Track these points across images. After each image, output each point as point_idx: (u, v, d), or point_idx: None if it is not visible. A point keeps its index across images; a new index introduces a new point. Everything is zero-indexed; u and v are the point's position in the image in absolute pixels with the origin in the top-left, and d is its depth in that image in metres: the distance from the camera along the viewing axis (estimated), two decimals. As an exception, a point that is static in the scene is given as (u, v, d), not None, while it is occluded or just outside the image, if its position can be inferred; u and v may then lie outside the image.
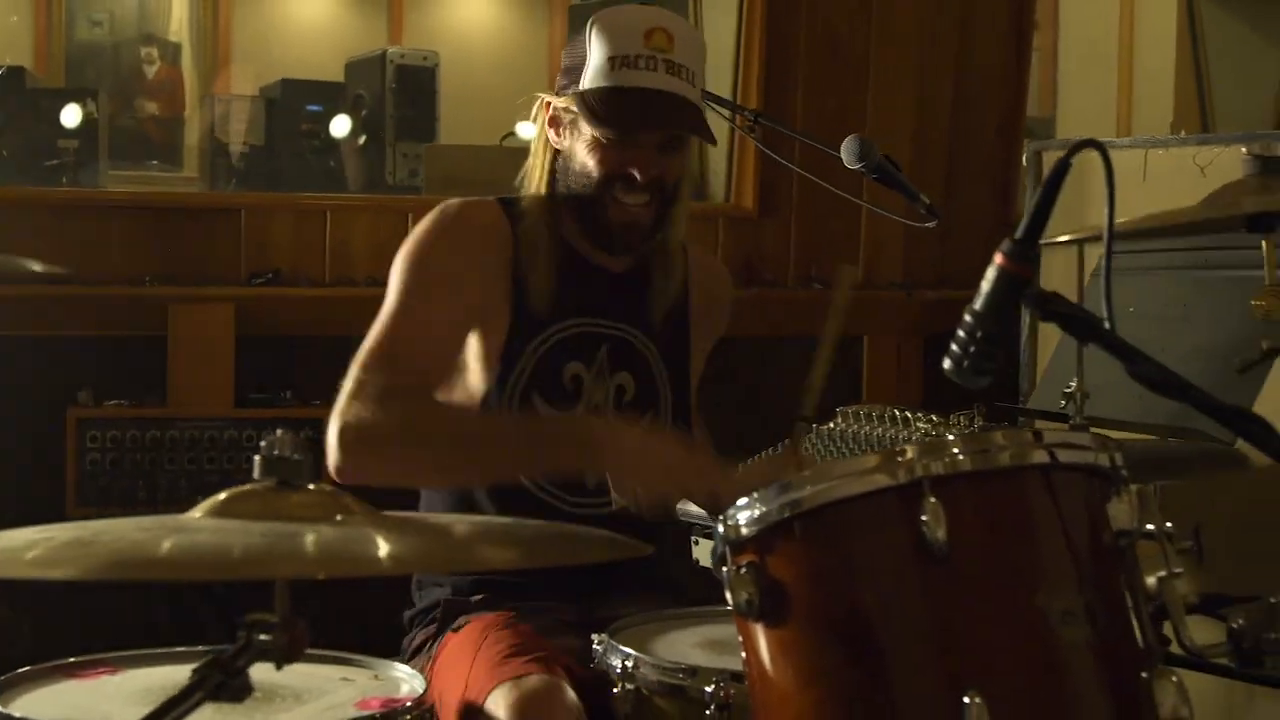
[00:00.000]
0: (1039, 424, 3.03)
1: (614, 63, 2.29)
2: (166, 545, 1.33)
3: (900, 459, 1.52)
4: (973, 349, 1.55)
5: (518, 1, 9.93)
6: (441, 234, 2.38)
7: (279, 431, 1.45)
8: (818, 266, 4.23)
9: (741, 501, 1.61)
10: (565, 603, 2.31)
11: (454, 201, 2.43)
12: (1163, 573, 1.58)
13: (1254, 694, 2.87)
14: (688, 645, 2.06)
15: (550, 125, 2.40)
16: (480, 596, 2.31)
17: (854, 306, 2.44)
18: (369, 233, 3.91)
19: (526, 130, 7.41)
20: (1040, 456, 1.55)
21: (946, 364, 1.58)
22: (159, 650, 2.04)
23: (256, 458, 1.46)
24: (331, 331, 3.78)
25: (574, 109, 2.33)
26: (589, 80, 2.32)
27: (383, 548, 1.38)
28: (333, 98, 6.12)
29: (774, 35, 4.13)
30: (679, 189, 2.40)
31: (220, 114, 5.93)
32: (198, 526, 1.44)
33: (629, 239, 2.37)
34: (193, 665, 1.97)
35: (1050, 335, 3.44)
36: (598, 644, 2.04)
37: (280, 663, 1.44)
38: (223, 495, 1.46)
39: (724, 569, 1.59)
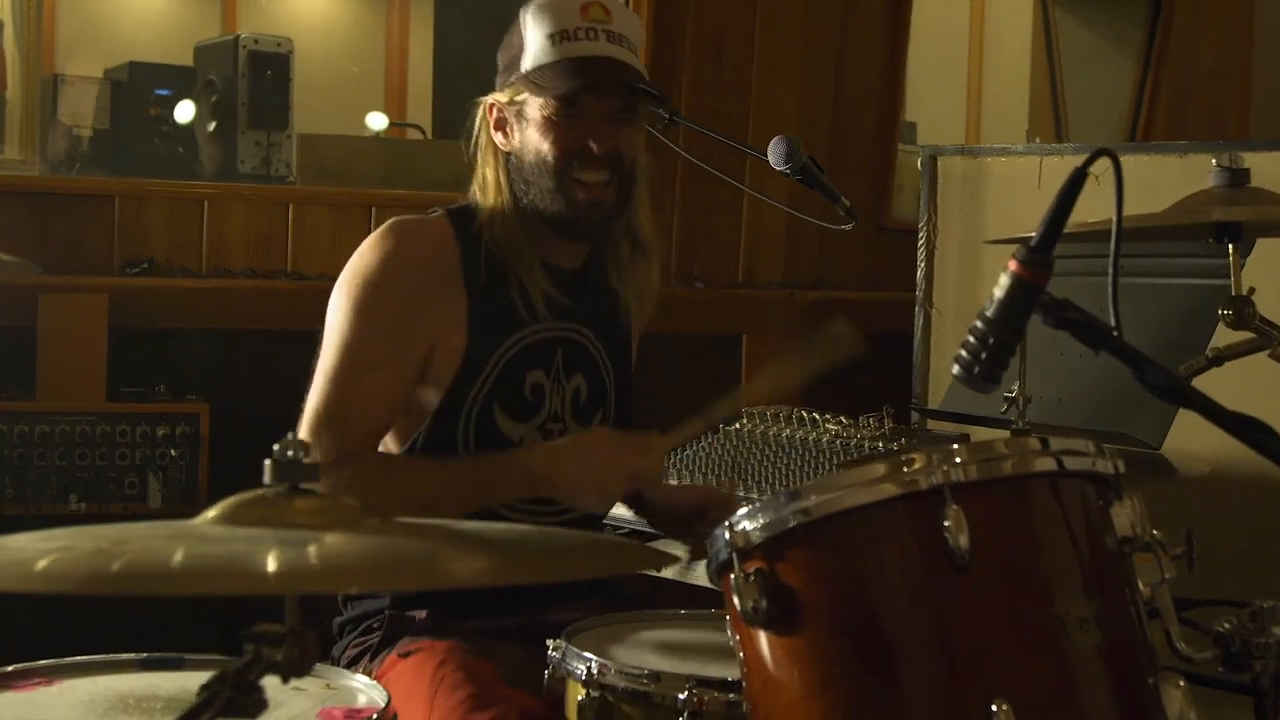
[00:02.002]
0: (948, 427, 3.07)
1: (554, 38, 2.26)
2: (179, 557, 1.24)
3: (914, 466, 1.51)
4: (984, 355, 1.55)
5: (354, -11, 9.77)
6: (389, 265, 2.26)
7: (290, 434, 1.38)
8: (699, 264, 4.23)
9: (744, 510, 1.59)
10: (510, 609, 2.26)
11: (399, 224, 2.31)
12: (1156, 579, 1.60)
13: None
14: (647, 650, 2.03)
15: (496, 129, 2.34)
16: (424, 612, 2.26)
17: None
18: (247, 223, 3.79)
19: (377, 121, 7.29)
20: (1048, 464, 1.56)
21: (955, 369, 1.58)
22: (95, 658, 1.94)
23: (267, 461, 1.38)
24: (208, 324, 3.70)
25: (519, 97, 2.29)
26: (531, 61, 2.28)
27: (435, 558, 1.32)
28: (182, 82, 5.94)
29: (660, 34, 4.12)
30: (636, 167, 2.34)
31: (64, 96, 5.70)
32: (209, 535, 1.35)
33: (594, 220, 2.30)
34: (131, 674, 1.93)
35: (946, 337, 3.50)
36: (554, 650, 1.99)
37: (289, 676, 1.38)
38: (233, 500, 1.38)
39: (731, 575, 1.57)
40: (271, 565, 1.21)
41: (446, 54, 5.36)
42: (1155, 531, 1.62)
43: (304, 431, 2.20)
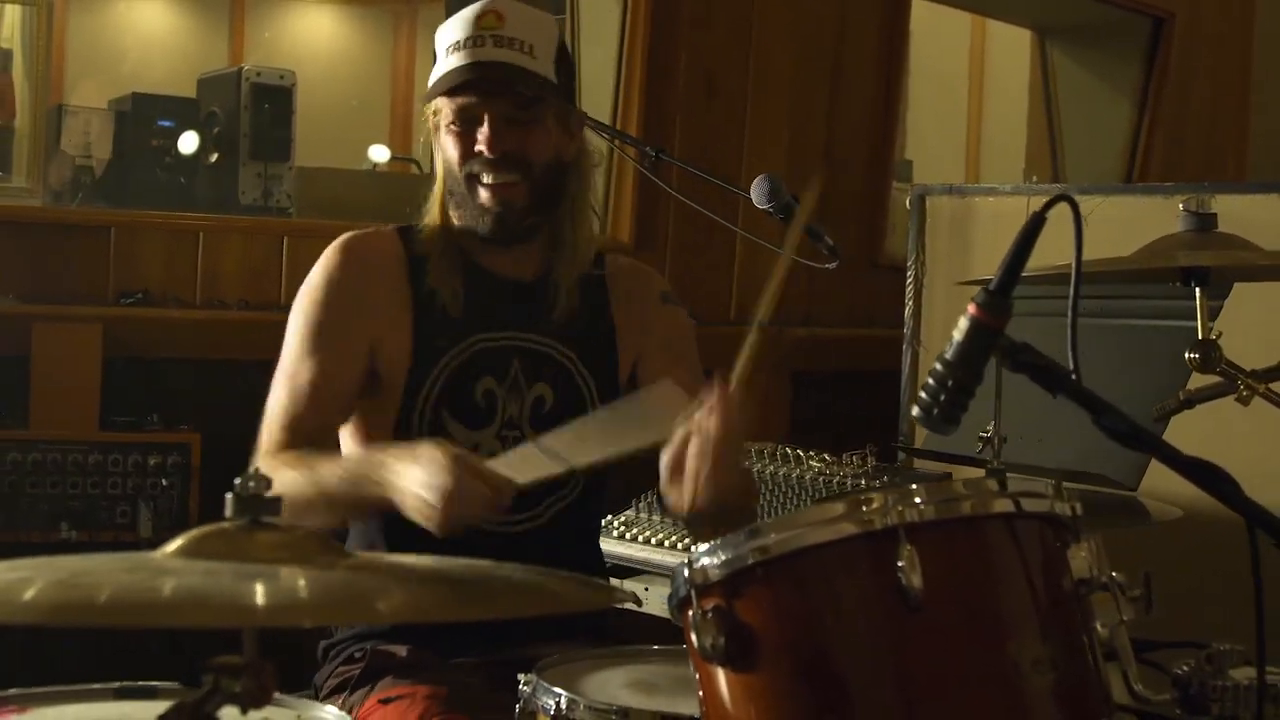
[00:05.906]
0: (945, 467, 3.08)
1: (448, 50, 2.34)
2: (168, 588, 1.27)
3: (871, 506, 1.53)
4: (943, 397, 1.57)
5: (361, 21, 9.85)
6: (332, 273, 2.38)
7: (254, 468, 1.40)
8: (692, 301, 4.24)
9: (704, 547, 1.60)
10: (491, 643, 2.28)
11: (345, 236, 2.43)
12: (1115, 620, 1.61)
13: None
14: (617, 686, 2.03)
15: (435, 140, 2.42)
16: (404, 649, 2.28)
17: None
18: (242, 255, 3.83)
19: (379, 154, 7.34)
20: (1005, 505, 1.57)
21: (915, 411, 1.60)
22: (67, 688, 1.96)
23: (228, 495, 1.40)
24: (201, 354, 3.72)
25: (431, 108, 2.38)
26: (434, 74, 2.37)
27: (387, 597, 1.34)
28: (185, 113, 5.99)
29: (653, 72, 4.15)
30: (560, 171, 2.38)
31: (68, 126, 5.75)
32: (168, 568, 1.38)
33: (507, 221, 2.35)
34: (103, 703, 1.95)
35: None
36: (525, 684, 2.00)
37: (248, 708, 1.39)
38: (194, 532, 1.40)
39: (689, 612, 1.58)
40: (260, 598, 1.24)
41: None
42: (1115, 573, 1.64)
43: (263, 425, 2.33)
